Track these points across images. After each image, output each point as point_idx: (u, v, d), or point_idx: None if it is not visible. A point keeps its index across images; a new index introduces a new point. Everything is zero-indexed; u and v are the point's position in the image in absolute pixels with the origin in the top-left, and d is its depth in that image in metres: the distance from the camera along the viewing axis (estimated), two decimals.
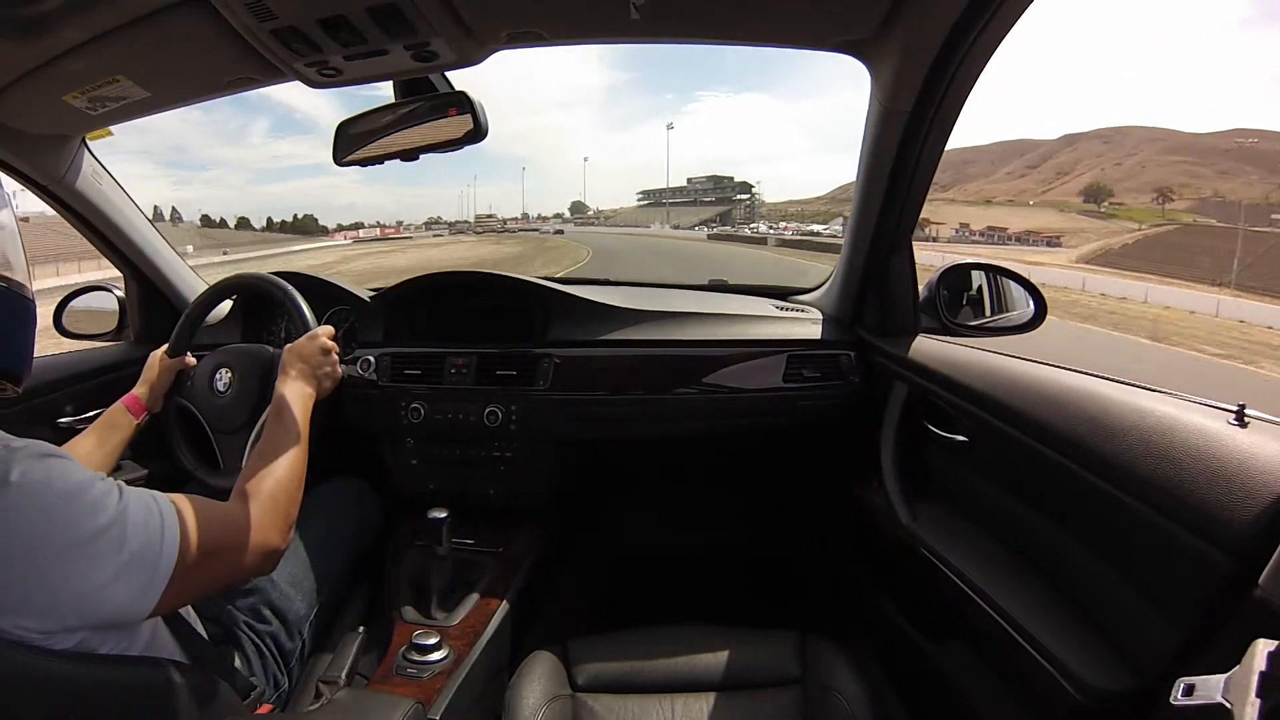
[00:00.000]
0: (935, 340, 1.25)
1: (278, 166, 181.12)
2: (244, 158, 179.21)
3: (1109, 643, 0.73)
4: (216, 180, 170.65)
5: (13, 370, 0.64)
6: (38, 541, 0.54)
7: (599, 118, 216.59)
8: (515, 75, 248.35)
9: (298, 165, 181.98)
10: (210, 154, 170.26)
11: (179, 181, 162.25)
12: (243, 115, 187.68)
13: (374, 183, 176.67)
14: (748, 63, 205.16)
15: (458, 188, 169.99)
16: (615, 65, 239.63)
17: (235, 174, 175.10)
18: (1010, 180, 62.97)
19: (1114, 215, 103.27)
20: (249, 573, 0.77)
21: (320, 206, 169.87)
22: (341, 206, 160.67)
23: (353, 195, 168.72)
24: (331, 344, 1.11)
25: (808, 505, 1.74)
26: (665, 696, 0.98)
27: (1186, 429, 0.66)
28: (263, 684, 0.96)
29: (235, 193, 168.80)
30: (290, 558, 1.11)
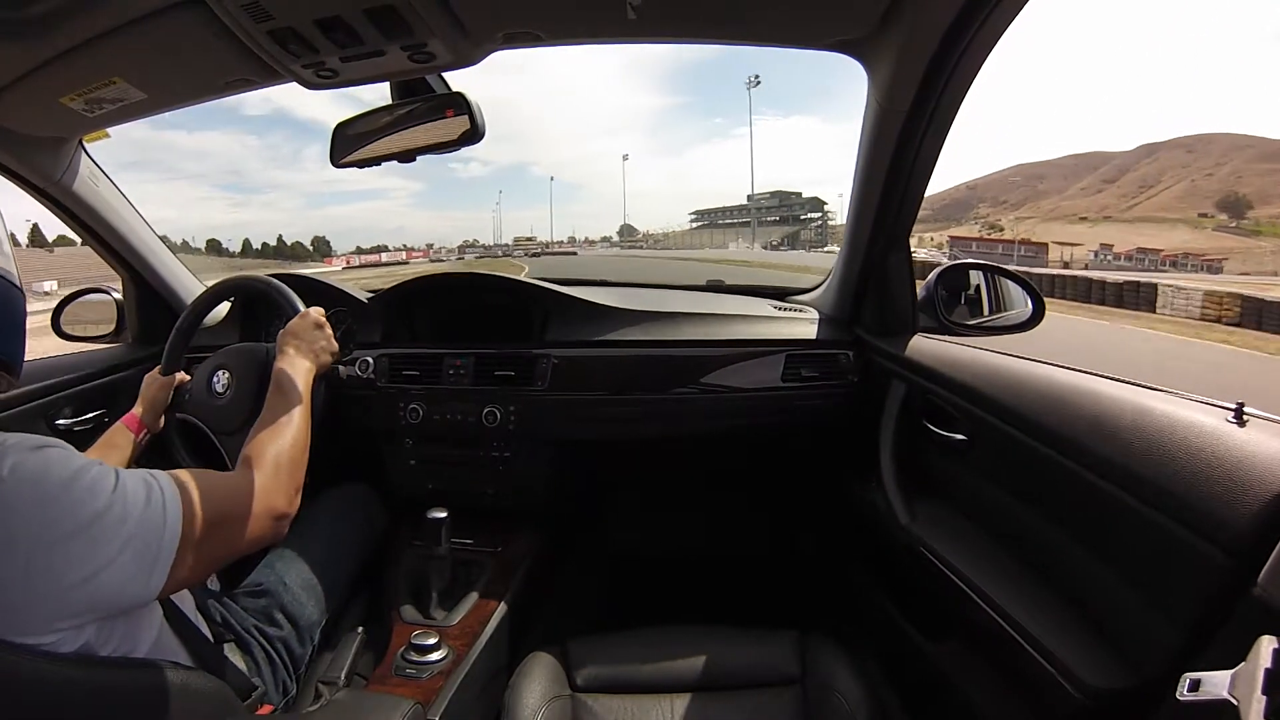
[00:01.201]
0: (934, 339, 1.25)
1: (331, 190, 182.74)
2: (298, 181, 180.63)
3: (1108, 642, 0.73)
4: (272, 203, 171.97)
5: (7, 361, 0.64)
6: (39, 531, 0.54)
7: (648, 143, 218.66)
8: (562, 101, 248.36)
9: (351, 189, 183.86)
10: (265, 178, 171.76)
11: (235, 204, 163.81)
12: (297, 140, 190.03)
13: (426, 208, 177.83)
14: (796, 85, 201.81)
15: (508, 211, 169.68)
16: (663, 90, 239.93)
17: (290, 198, 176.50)
18: (1087, 196, 56.17)
19: (1260, 231, 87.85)
20: (259, 540, 0.77)
21: (372, 229, 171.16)
22: (392, 229, 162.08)
23: (403, 219, 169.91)
24: (323, 319, 1.11)
25: (806, 505, 1.74)
26: (664, 696, 0.98)
27: (1186, 427, 0.66)
28: (268, 687, 0.95)
29: (289, 215, 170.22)
30: (301, 563, 1.12)
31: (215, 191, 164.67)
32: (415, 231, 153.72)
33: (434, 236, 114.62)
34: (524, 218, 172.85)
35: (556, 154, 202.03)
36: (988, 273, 1.35)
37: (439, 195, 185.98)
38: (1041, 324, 1.18)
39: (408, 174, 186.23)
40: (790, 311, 1.52)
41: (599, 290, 1.57)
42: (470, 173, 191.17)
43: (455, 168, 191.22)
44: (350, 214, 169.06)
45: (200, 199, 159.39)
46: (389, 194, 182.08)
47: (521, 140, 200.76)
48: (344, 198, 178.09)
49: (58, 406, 1.36)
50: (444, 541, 1.19)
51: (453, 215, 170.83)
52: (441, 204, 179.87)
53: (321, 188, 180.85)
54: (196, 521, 0.65)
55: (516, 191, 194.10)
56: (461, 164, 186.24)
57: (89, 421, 1.41)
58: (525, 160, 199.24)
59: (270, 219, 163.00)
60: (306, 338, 1.06)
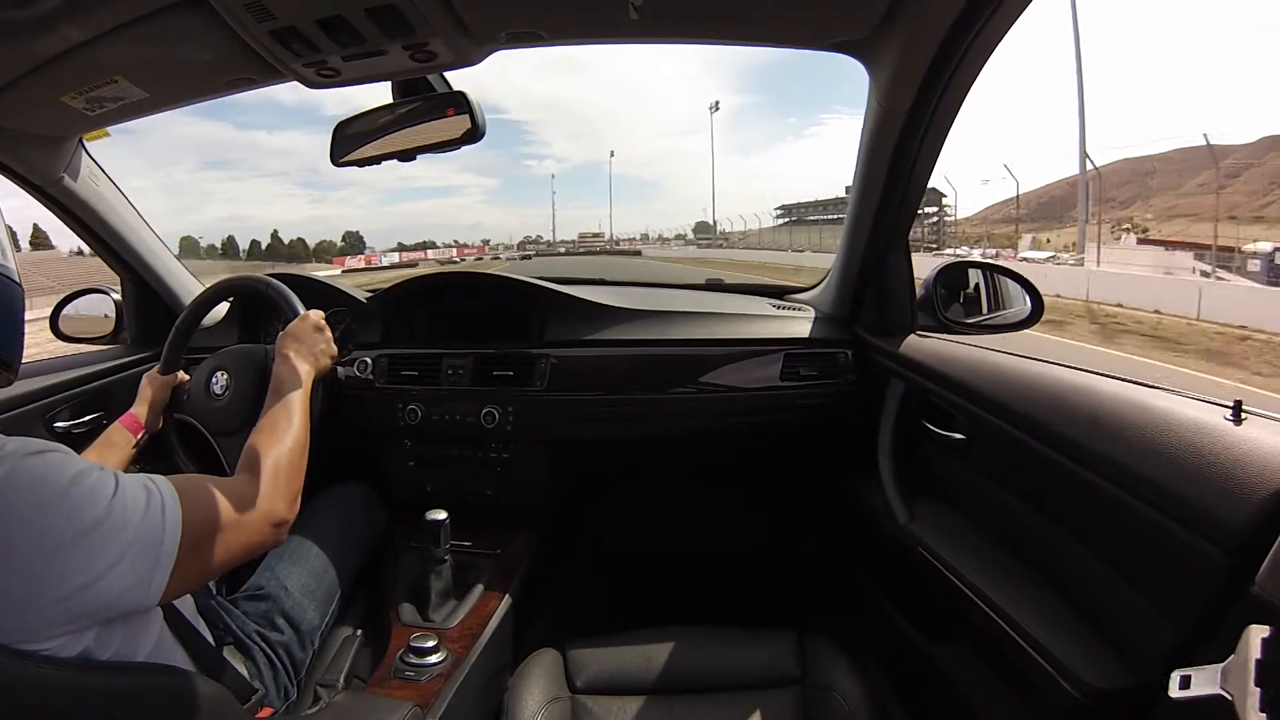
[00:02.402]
0: (933, 338, 1.25)
1: (407, 187, 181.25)
2: (374, 178, 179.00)
3: (1107, 641, 0.73)
4: (348, 199, 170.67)
5: (6, 356, 0.63)
6: (38, 538, 0.54)
7: (724, 143, 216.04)
8: (637, 100, 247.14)
9: (427, 186, 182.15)
10: (342, 175, 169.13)
11: (313, 200, 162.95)
12: None
13: (500, 204, 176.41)
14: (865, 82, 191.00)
15: (580, 209, 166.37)
16: (737, 89, 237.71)
17: (366, 194, 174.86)
18: (1206, 193, 46.57)
19: None
20: (259, 546, 0.76)
21: (448, 225, 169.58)
22: (468, 225, 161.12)
23: (479, 215, 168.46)
24: (323, 322, 1.10)
25: (805, 504, 1.74)
26: (664, 697, 0.98)
27: (1183, 425, 0.66)
28: (270, 692, 0.95)
29: (365, 211, 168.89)
30: (302, 566, 1.11)
31: (295, 189, 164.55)
32: (490, 227, 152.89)
33: (505, 233, 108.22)
34: (597, 215, 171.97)
35: (631, 152, 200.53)
36: (986, 271, 1.35)
37: (513, 192, 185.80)
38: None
39: (481, 170, 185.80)
40: (789, 310, 1.52)
41: (597, 289, 1.57)
42: (545, 170, 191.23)
43: (530, 165, 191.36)
44: (426, 210, 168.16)
45: (281, 195, 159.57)
46: (464, 190, 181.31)
47: (595, 138, 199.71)
48: (420, 194, 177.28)
49: (56, 408, 1.35)
50: (443, 543, 1.19)
51: (526, 212, 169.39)
52: (515, 200, 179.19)
53: (398, 184, 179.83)
54: (196, 528, 0.64)
55: (590, 189, 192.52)
56: (536, 161, 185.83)
57: (88, 423, 1.40)
58: (599, 158, 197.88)
59: (346, 215, 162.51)
60: (306, 341, 1.06)
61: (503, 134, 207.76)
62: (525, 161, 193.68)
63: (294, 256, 78.38)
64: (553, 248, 74.57)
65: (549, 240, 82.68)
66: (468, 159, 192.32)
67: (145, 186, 40.05)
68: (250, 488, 0.77)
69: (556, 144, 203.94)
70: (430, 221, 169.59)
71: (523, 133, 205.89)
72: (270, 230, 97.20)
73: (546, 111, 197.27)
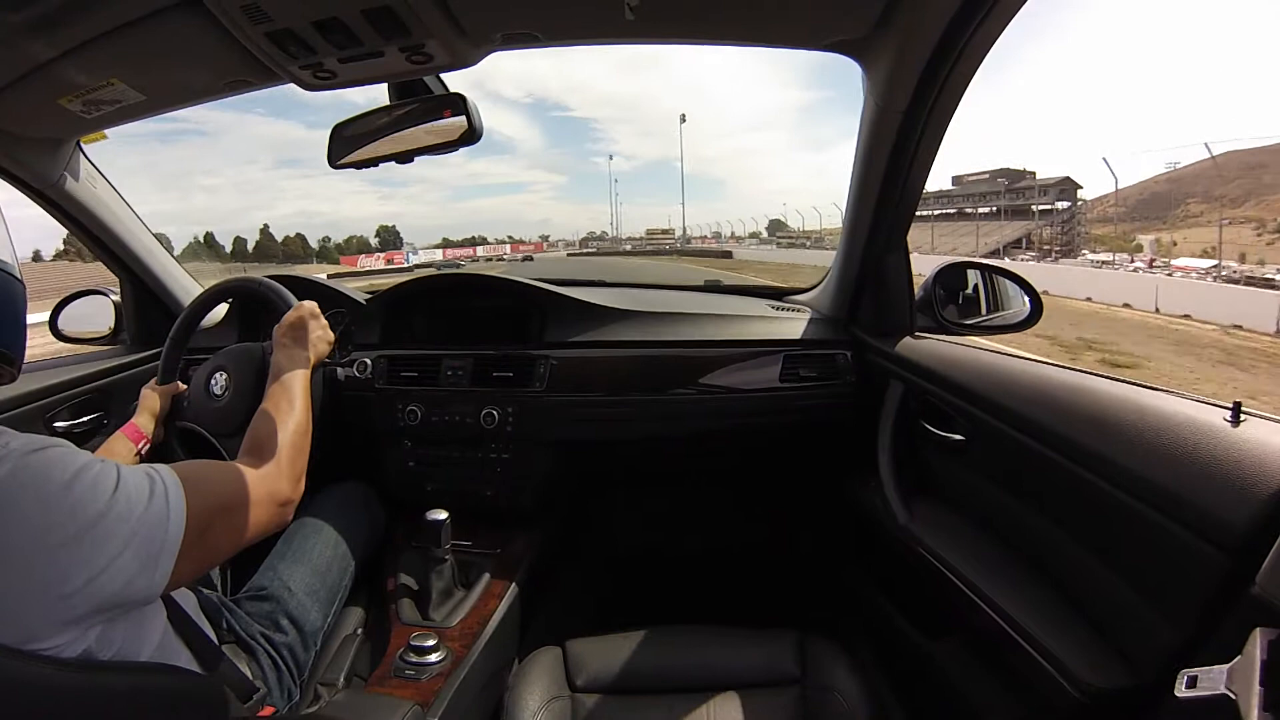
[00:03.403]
0: (931, 339, 1.25)
1: (475, 184, 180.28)
2: (442, 176, 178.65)
3: (1106, 641, 0.73)
4: (416, 196, 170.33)
5: (8, 353, 0.63)
6: (40, 536, 0.53)
7: (792, 139, 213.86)
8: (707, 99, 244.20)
9: (495, 183, 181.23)
10: (412, 172, 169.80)
11: (383, 197, 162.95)
12: None
13: (569, 200, 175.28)
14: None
15: (649, 205, 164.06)
16: (804, 85, 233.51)
17: (434, 190, 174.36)
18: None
19: None
20: (265, 527, 0.76)
21: (516, 221, 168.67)
22: (536, 221, 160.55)
23: (548, 211, 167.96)
24: (317, 310, 1.10)
25: (805, 505, 1.74)
26: (664, 697, 0.98)
27: (1182, 426, 0.66)
28: (273, 693, 0.95)
29: (433, 208, 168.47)
30: (304, 566, 1.11)
31: (364, 185, 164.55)
32: (558, 224, 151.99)
33: (572, 229, 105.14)
34: (665, 212, 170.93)
35: (699, 149, 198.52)
36: (985, 272, 1.35)
37: (581, 188, 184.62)
38: None
39: (550, 167, 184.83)
40: (788, 312, 1.52)
41: (597, 291, 1.57)
42: (614, 167, 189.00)
43: (598, 162, 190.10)
44: (493, 206, 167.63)
45: (352, 192, 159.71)
46: (533, 187, 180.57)
47: (662, 135, 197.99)
48: (488, 190, 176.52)
49: (56, 408, 1.36)
50: (444, 543, 1.19)
51: (594, 208, 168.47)
52: (584, 197, 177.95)
53: (466, 180, 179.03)
54: (201, 513, 0.64)
55: (657, 186, 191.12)
56: (604, 158, 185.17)
57: (87, 423, 1.41)
58: (667, 155, 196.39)
59: (416, 211, 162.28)
60: (302, 329, 1.06)
61: (571, 131, 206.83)
62: (593, 158, 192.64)
63: (291, 256, 70.93)
64: (616, 244, 66.44)
65: (613, 236, 75.04)
66: (537, 155, 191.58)
67: (218, 184, 41.11)
68: (254, 469, 0.77)
69: (624, 141, 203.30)
70: (499, 217, 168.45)
71: (591, 129, 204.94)
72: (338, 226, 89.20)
73: (613, 109, 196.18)
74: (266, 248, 72.37)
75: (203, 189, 34.41)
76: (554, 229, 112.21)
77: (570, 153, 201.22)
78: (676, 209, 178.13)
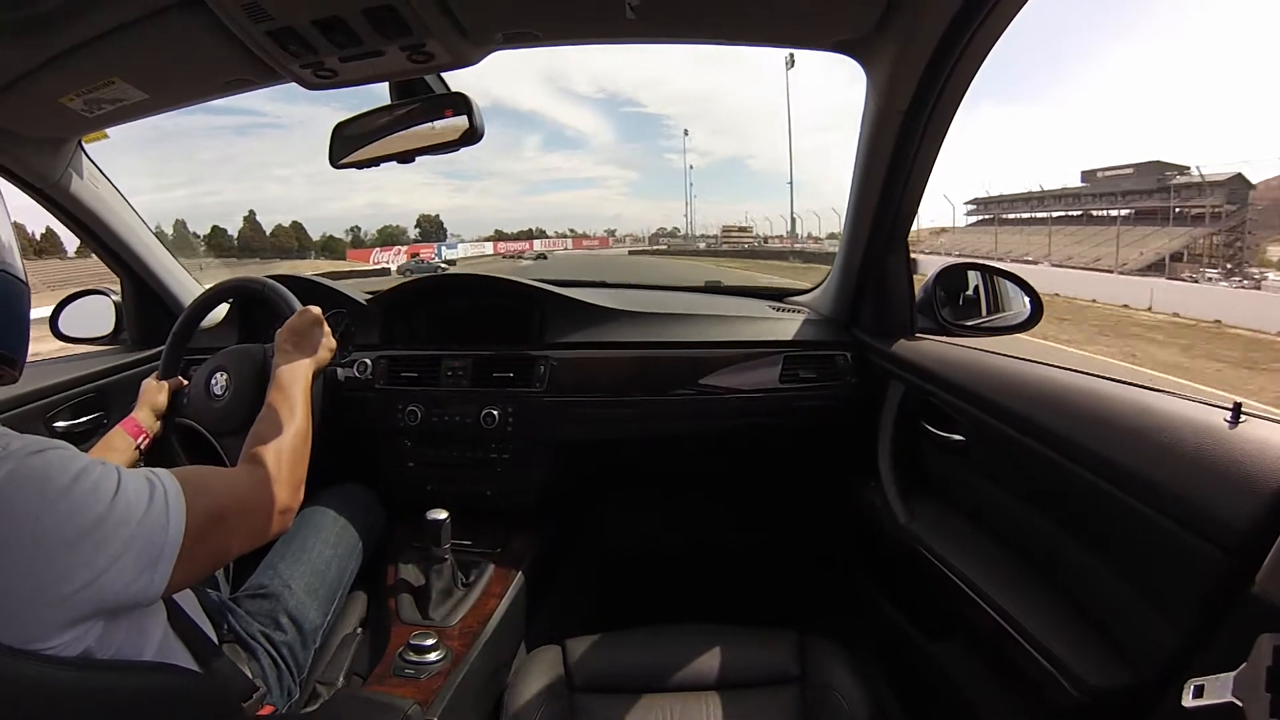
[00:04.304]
0: (932, 340, 1.25)
1: (547, 179, 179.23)
2: (515, 169, 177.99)
3: (1107, 641, 0.73)
4: (489, 189, 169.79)
5: (9, 355, 0.63)
6: (40, 537, 0.54)
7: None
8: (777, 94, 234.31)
9: (568, 178, 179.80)
10: (484, 165, 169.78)
11: (455, 189, 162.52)
12: (515, 130, 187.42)
13: (641, 196, 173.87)
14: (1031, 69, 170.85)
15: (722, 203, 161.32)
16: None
17: (506, 184, 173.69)
18: None
19: None
20: (264, 534, 0.77)
21: (589, 216, 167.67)
22: (610, 216, 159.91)
23: (620, 207, 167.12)
24: (321, 316, 1.10)
25: (806, 505, 1.74)
26: (664, 696, 0.98)
27: (1182, 426, 0.66)
28: (273, 692, 0.95)
29: (506, 201, 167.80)
30: (303, 565, 1.11)
31: (437, 178, 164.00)
32: (630, 219, 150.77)
33: (645, 225, 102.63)
34: (741, 209, 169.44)
35: (772, 147, 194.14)
36: (985, 273, 1.35)
37: (654, 184, 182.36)
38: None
39: (623, 163, 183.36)
40: (788, 313, 1.52)
41: (597, 291, 1.57)
42: (686, 163, 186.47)
43: (671, 158, 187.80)
44: (566, 200, 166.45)
45: (422, 184, 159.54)
46: (605, 182, 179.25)
47: (735, 133, 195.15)
48: (561, 185, 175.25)
49: (56, 408, 1.36)
50: (443, 542, 1.19)
51: (667, 204, 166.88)
52: (656, 193, 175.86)
53: (538, 175, 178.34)
54: (200, 518, 0.64)
55: (730, 183, 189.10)
56: (677, 154, 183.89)
57: (87, 424, 1.40)
58: (740, 153, 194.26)
59: (487, 204, 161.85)
60: (304, 334, 1.06)
61: (643, 126, 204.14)
62: (667, 155, 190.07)
63: (283, 251, 58.23)
64: (690, 242, 59.82)
65: (685, 233, 68.90)
66: (609, 151, 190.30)
67: (290, 175, 41.53)
68: (253, 476, 0.78)
69: (698, 137, 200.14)
70: (571, 212, 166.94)
71: (664, 125, 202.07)
72: (407, 218, 76.71)
73: (686, 105, 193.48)
74: (251, 240, 59.90)
75: (276, 180, 34.46)
76: (625, 225, 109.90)
77: (642, 148, 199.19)
78: (750, 206, 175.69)
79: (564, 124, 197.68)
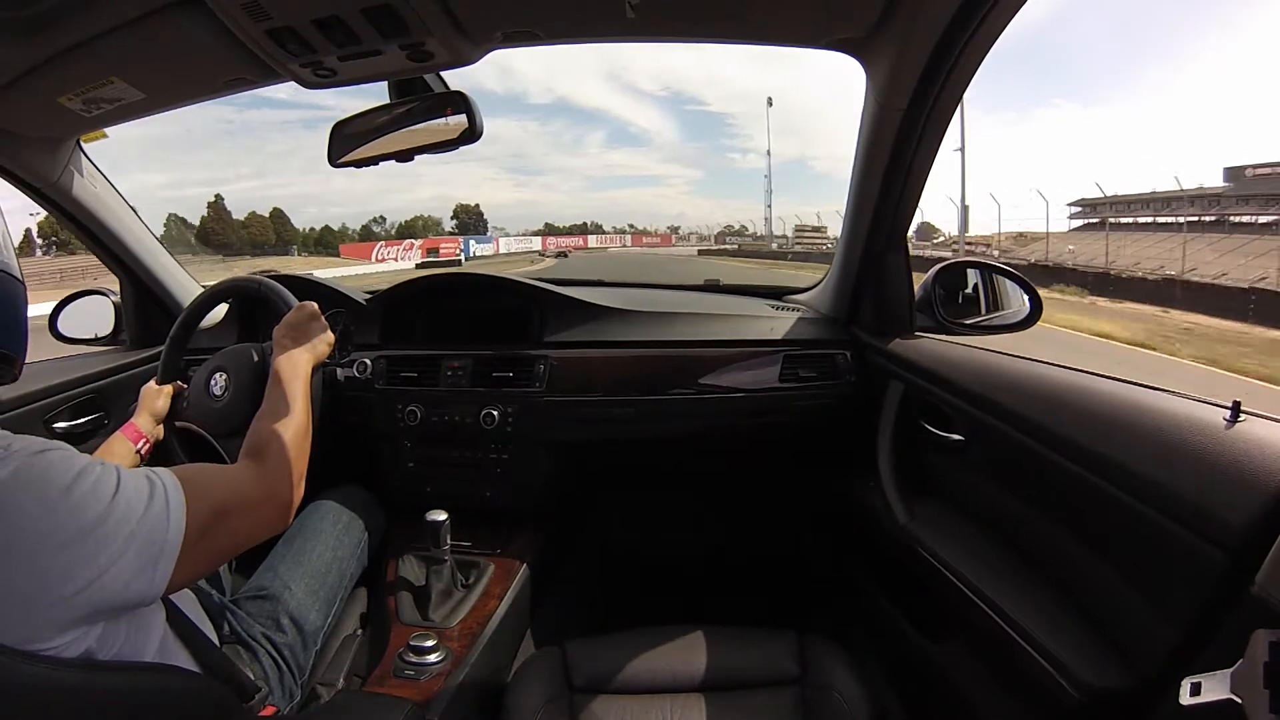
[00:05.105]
0: (931, 339, 1.25)
1: (610, 175, 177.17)
2: (578, 165, 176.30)
3: (1106, 640, 0.73)
4: (551, 185, 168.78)
5: (8, 354, 0.63)
6: (41, 538, 0.54)
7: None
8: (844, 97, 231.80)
9: (631, 175, 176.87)
10: (547, 161, 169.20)
11: (518, 184, 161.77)
12: (579, 127, 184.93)
13: (704, 195, 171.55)
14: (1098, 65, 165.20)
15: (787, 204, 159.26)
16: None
17: (569, 180, 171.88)
18: None
19: None
20: (265, 530, 0.77)
21: (652, 214, 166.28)
22: (673, 215, 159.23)
23: (684, 205, 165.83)
24: (317, 311, 1.10)
25: (805, 505, 1.74)
26: (664, 697, 0.98)
27: (1182, 426, 0.66)
28: (274, 693, 0.95)
29: (568, 196, 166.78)
30: (303, 566, 1.11)
31: (501, 173, 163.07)
32: (694, 218, 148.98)
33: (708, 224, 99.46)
34: (804, 211, 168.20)
35: (835, 148, 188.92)
36: (984, 271, 1.35)
37: (717, 184, 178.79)
38: None
39: (686, 162, 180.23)
40: (788, 311, 1.52)
41: (596, 291, 1.57)
42: (749, 163, 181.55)
43: (734, 158, 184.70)
44: (627, 197, 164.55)
45: (487, 179, 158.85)
46: (668, 180, 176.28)
47: (799, 133, 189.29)
48: (623, 182, 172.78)
49: (56, 408, 1.35)
50: (443, 543, 1.19)
51: (731, 204, 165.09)
52: (719, 192, 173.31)
53: (601, 171, 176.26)
54: (201, 516, 0.64)
55: (795, 184, 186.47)
56: (740, 154, 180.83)
57: (87, 424, 1.40)
58: (804, 154, 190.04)
59: (550, 199, 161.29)
60: (301, 329, 1.06)
61: (706, 125, 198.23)
62: (729, 154, 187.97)
63: (254, 245, 47.91)
64: (764, 243, 51.77)
65: (755, 233, 59.11)
66: (671, 149, 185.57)
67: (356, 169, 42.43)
68: (254, 473, 0.77)
69: (760, 138, 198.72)
70: (633, 208, 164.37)
71: (726, 125, 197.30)
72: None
73: (749, 104, 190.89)
74: (214, 232, 48.06)
75: (342, 174, 34.10)
76: (691, 222, 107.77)
77: (705, 147, 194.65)
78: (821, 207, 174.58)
79: (627, 121, 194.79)
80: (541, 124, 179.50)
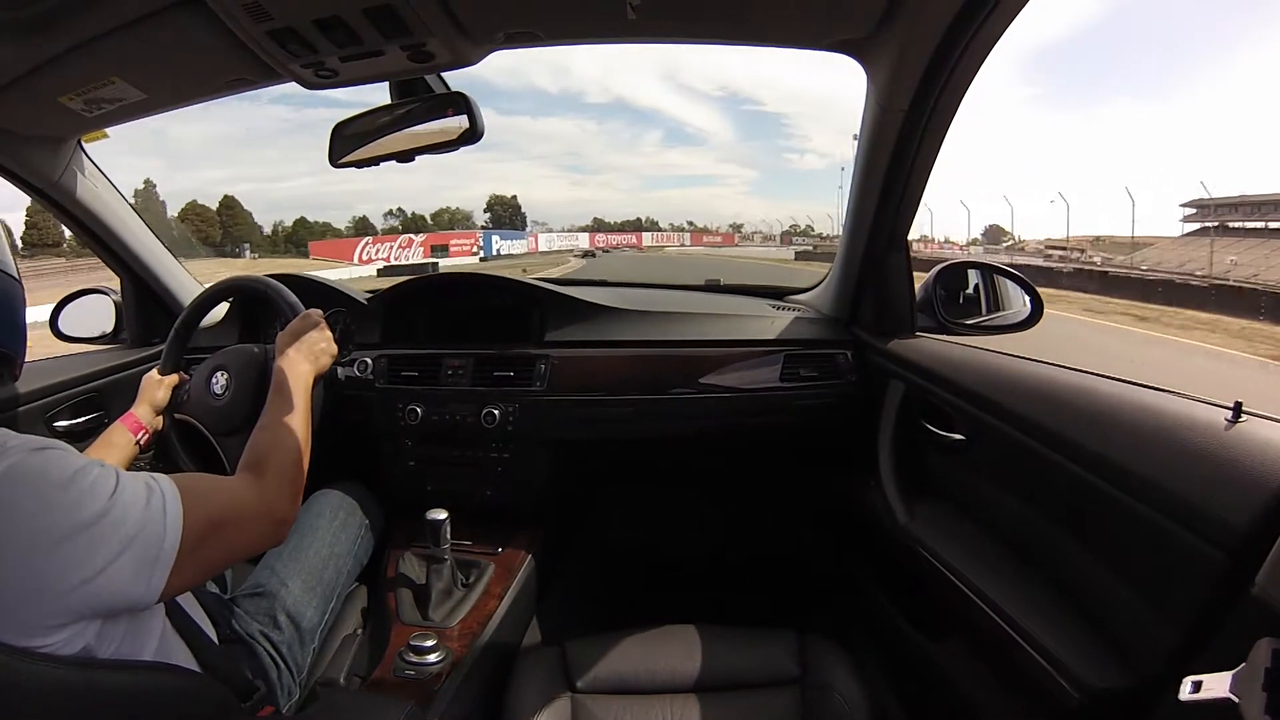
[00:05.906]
0: (932, 339, 1.25)
1: (667, 174, 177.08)
2: (634, 164, 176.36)
3: (1107, 641, 0.73)
4: (608, 184, 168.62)
5: (7, 353, 0.63)
6: (37, 533, 0.54)
7: (999, 139, 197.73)
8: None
9: (688, 174, 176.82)
10: (603, 160, 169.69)
11: (574, 183, 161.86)
12: (635, 126, 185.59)
13: (761, 196, 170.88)
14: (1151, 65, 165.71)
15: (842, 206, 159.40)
16: (1010, 81, 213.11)
17: (625, 179, 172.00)
18: None
19: None
20: (260, 544, 0.77)
21: (707, 213, 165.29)
22: (730, 214, 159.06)
23: (741, 205, 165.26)
24: (323, 320, 1.10)
25: (805, 505, 1.74)
26: (664, 696, 0.98)
27: (1183, 426, 0.66)
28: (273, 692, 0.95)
29: (624, 195, 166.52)
30: (302, 564, 1.11)
31: (556, 171, 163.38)
32: (750, 218, 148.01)
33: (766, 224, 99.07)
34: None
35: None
36: (985, 272, 1.35)
37: (774, 184, 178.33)
38: None
39: (743, 162, 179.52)
40: (788, 311, 1.52)
41: (597, 290, 1.57)
42: (806, 164, 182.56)
43: (791, 158, 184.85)
44: (683, 197, 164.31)
45: (542, 177, 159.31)
46: (725, 180, 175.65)
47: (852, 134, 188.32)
48: (680, 182, 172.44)
49: (56, 407, 1.36)
50: (443, 542, 1.19)
51: (789, 205, 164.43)
52: (777, 193, 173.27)
53: (657, 171, 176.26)
54: (197, 526, 0.64)
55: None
56: (798, 155, 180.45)
57: (87, 423, 1.40)
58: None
59: (606, 198, 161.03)
60: (306, 339, 1.06)
61: (762, 125, 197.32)
62: (786, 155, 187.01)
63: (209, 243, 41.59)
64: (825, 242, 49.44)
65: (821, 233, 60.69)
66: (728, 149, 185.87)
67: (414, 165, 42.61)
68: (251, 486, 0.77)
69: (817, 138, 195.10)
70: (690, 208, 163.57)
71: (782, 125, 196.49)
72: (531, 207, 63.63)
73: (804, 105, 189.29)
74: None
75: (397, 170, 34.43)
76: (748, 223, 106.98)
77: (762, 147, 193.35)
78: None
79: (683, 120, 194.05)
80: (599, 123, 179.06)
